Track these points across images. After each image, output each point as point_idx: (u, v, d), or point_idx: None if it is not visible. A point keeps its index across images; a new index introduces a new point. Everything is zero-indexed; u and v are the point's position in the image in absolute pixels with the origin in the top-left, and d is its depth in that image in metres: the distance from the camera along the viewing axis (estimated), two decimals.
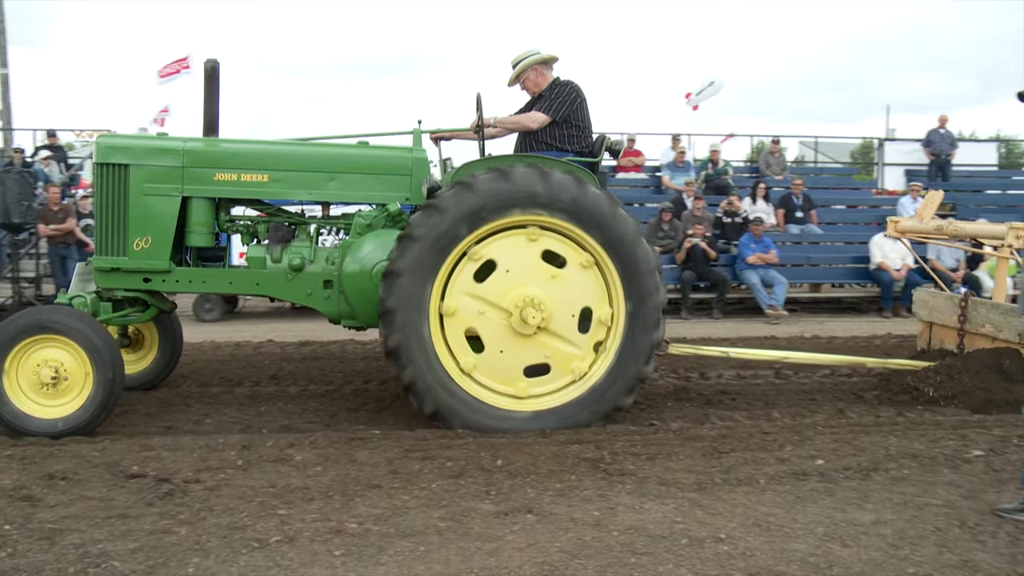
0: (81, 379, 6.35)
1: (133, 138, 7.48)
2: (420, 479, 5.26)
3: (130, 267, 6.93)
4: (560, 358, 6.53)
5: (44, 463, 5.51)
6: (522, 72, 7.22)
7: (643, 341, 6.55)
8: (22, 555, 4.18)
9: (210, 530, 4.47)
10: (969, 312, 8.09)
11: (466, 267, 6.45)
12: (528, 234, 6.49)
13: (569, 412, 6.50)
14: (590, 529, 4.54)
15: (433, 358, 6.37)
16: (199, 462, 5.55)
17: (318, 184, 7.07)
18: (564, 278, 6.53)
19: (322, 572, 4.01)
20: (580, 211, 6.42)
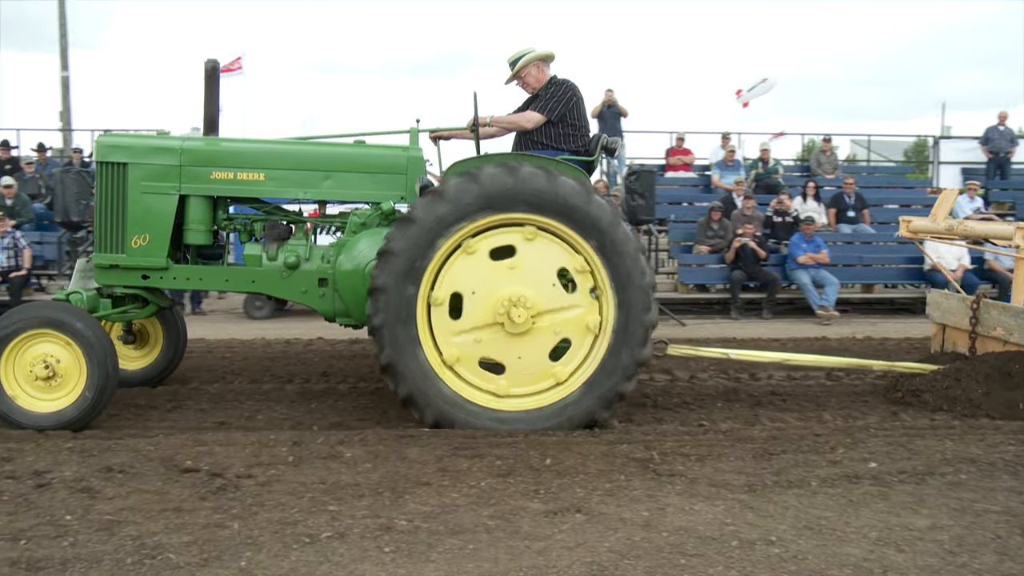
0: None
1: (132, 137, 7.59)
2: (469, 477, 5.26)
3: (128, 264, 7.05)
4: (571, 326, 6.47)
5: (102, 456, 5.60)
6: (523, 69, 7.19)
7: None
8: (82, 545, 4.25)
9: (262, 525, 4.51)
10: (981, 314, 7.87)
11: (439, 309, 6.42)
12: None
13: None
14: (639, 529, 4.50)
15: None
16: (251, 458, 5.59)
17: (313, 183, 7.13)
18: (522, 262, 6.44)
19: (372, 568, 4.02)
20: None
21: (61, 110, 26.49)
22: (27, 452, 5.69)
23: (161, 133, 7.46)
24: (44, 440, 6.01)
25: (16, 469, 5.35)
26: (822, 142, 19.62)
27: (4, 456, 5.58)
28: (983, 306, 7.86)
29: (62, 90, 26.58)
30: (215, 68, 7.21)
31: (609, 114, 18.80)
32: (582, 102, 7.18)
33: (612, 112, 18.80)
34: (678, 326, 12.80)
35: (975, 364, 7.54)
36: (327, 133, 7.78)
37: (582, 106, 7.18)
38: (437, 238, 6.27)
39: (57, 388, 6.52)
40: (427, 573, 3.98)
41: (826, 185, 17.53)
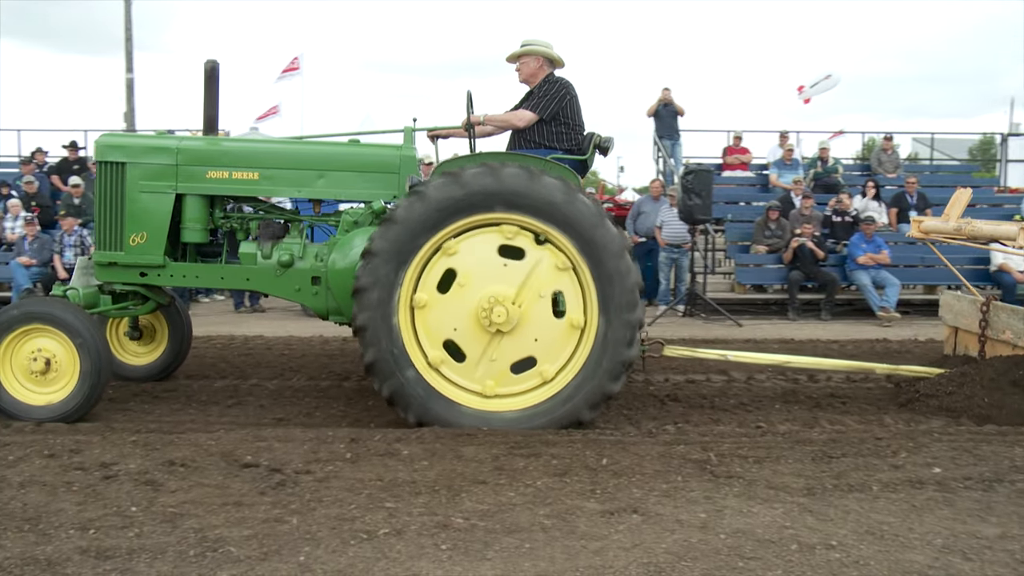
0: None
1: (130, 137, 7.76)
2: (525, 476, 5.26)
3: (127, 262, 7.19)
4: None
5: (165, 450, 5.70)
6: (524, 56, 7.17)
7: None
8: (147, 536, 4.33)
9: (320, 520, 4.55)
10: (991, 317, 7.66)
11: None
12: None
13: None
14: (696, 531, 4.47)
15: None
16: (309, 454, 5.65)
17: (307, 181, 7.19)
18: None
19: (429, 566, 4.04)
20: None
21: (126, 111, 27.04)
22: (94, 444, 5.81)
23: (161, 133, 7.63)
24: (110, 433, 6.15)
25: (84, 461, 5.47)
26: (883, 140, 19.31)
27: (72, 448, 5.71)
28: (992, 309, 7.67)
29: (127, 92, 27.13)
30: (214, 69, 7.32)
31: (665, 113, 18.70)
32: (576, 101, 7.14)
33: (668, 111, 18.69)
34: (734, 326, 12.69)
35: (981, 369, 7.37)
36: (326, 133, 7.84)
37: (576, 105, 7.14)
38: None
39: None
40: (484, 571, 3.99)
41: (887, 184, 17.25)
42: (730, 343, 10.86)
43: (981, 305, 7.73)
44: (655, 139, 19.04)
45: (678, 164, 18.22)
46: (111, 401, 7.56)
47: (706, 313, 13.69)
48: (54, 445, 5.78)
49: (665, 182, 16.79)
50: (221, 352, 10.05)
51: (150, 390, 7.96)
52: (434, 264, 6.40)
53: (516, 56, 7.21)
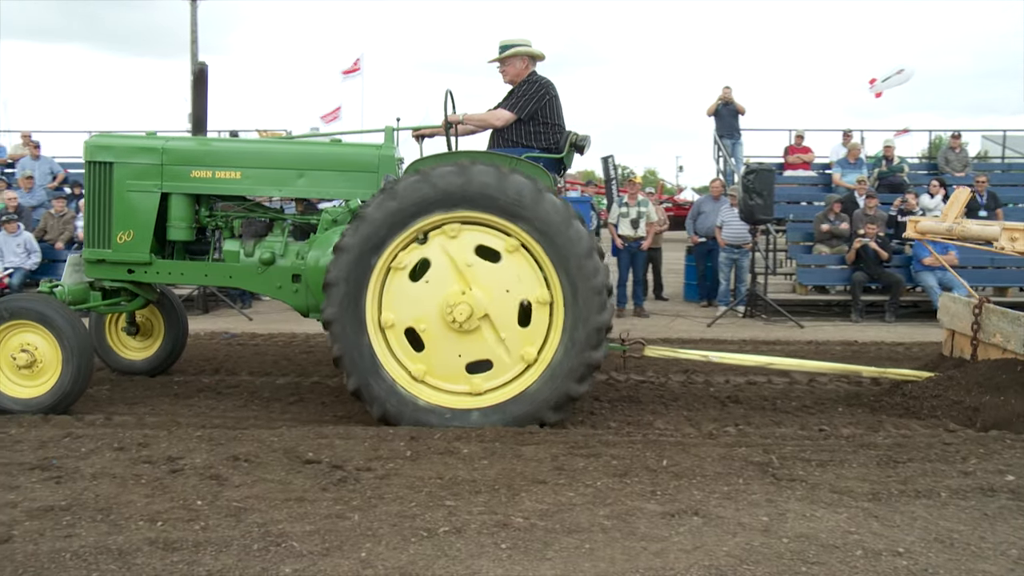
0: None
1: (118, 137, 7.83)
2: (585, 476, 5.25)
3: (114, 259, 7.40)
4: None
5: (229, 445, 5.79)
6: (508, 58, 7.16)
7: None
8: (212, 529, 4.41)
9: (381, 517, 4.58)
10: (983, 320, 7.46)
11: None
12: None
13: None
14: (759, 535, 4.42)
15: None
16: (370, 451, 5.70)
17: (288, 181, 7.32)
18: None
19: (489, 564, 4.05)
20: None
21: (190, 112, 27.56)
22: (161, 439, 5.93)
23: (149, 134, 7.78)
24: (176, 428, 6.27)
25: (152, 454, 5.59)
26: (951, 139, 18.92)
27: (141, 442, 5.84)
28: (985, 311, 7.47)
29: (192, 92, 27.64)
30: (203, 72, 7.63)
31: (726, 112, 18.54)
32: (556, 100, 7.15)
33: (729, 110, 18.53)
34: (795, 328, 12.54)
35: (968, 372, 7.23)
36: (312, 133, 7.97)
37: (555, 104, 7.14)
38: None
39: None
40: (543, 571, 3.98)
41: (954, 183, 16.87)
42: (791, 345, 10.74)
43: (974, 307, 7.57)
44: (715, 138, 18.89)
45: (739, 163, 18.04)
46: (176, 396, 7.73)
47: (767, 314, 13.55)
48: (123, 439, 5.92)
49: (726, 182, 16.64)
50: (283, 350, 10.19)
51: (214, 386, 8.11)
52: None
53: (499, 59, 7.22)
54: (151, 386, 8.16)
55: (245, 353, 9.86)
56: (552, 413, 6.39)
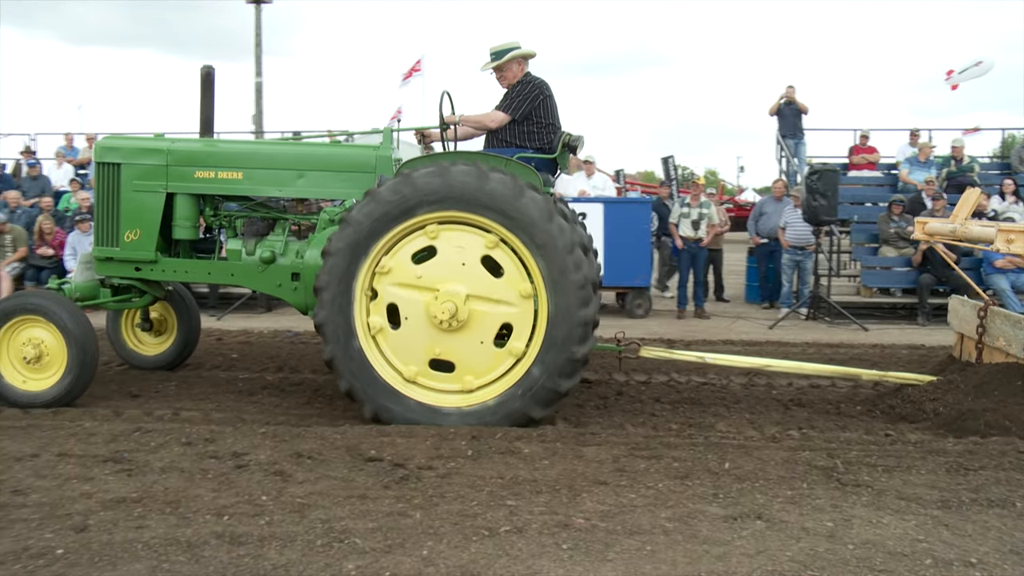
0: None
1: (125, 139, 8.00)
2: (646, 478, 5.23)
3: (122, 257, 7.60)
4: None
5: (293, 442, 5.87)
6: (504, 63, 7.19)
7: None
8: (277, 525, 4.47)
9: (442, 516, 4.61)
10: (988, 323, 7.25)
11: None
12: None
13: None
14: (823, 540, 4.36)
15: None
16: (431, 450, 5.73)
17: (288, 181, 7.42)
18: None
19: (550, 565, 4.04)
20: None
21: (254, 113, 28.03)
22: (227, 435, 6.03)
23: (157, 136, 7.97)
24: (241, 424, 6.38)
25: (218, 450, 5.69)
26: None
27: (207, 437, 5.94)
28: (990, 315, 7.26)
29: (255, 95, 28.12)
30: (210, 75, 7.75)
31: (789, 111, 18.29)
32: (549, 100, 7.19)
33: (792, 109, 18.28)
34: (859, 331, 12.34)
35: (968, 376, 7.06)
36: (314, 132, 8.07)
37: (549, 104, 7.18)
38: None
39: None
40: (605, 572, 3.98)
41: None
42: (855, 348, 10.58)
43: (979, 311, 7.39)
44: (778, 138, 18.65)
45: (802, 164, 17.79)
46: (241, 393, 7.85)
47: (830, 317, 13.36)
48: (191, 434, 6.03)
49: (788, 182, 16.44)
50: None
51: (277, 383, 8.22)
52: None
53: (494, 66, 7.26)
54: (217, 382, 8.30)
55: (308, 351, 9.96)
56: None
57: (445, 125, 7.20)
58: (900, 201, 14.60)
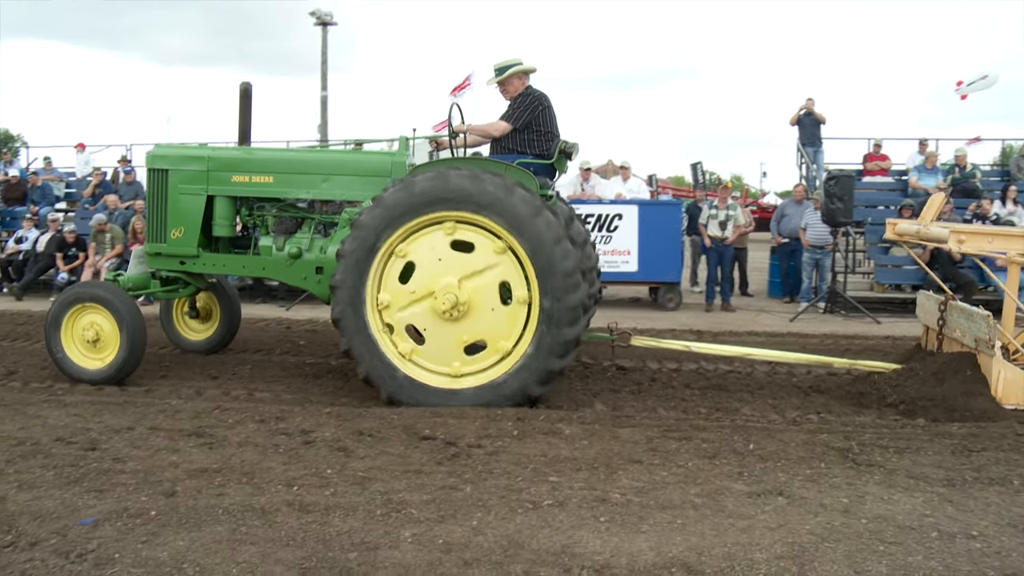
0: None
1: (172, 148, 8.26)
2: (677, 457, 5.21)
3: (168, 252, 7.82)
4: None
5: (354, 421, 5.93)
6: (507, 79, 7.26)
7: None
8: (340, 495, 4.52)
9: (490, 490, 4.62)
10: (947, 316, 7.20)
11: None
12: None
13: None
14: (839, 515, 4.33)
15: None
16: (480, 430, 5.75)
17: (313, 184, 7.56)
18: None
19: (588, 535, 4.05)
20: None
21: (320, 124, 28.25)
22: (296, 414, 6.10)
23: (201, 145, 8.17)
24: (309, 404, 6.46)
25: (287, 427, 5.76)
26: (1023, 147, 18.06)
27: (278, 416, 6.02)
28: (949, 308, 7.22)
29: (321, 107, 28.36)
30: (247, 91, 8.00)
31: (808, 121, 18.06)
32: (548, 111, 7.24)
33: (811, 120, 18.05)
34: (873, 324, 12.17)
35: (926, 364, 7.04)
36: (341, 139, 8.22)
37: (548, 115, 7.23)
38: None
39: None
40: (639, 543, 3.97)
41: None
42: (869, 339, 10.44)
43: (940, 304, 7.34)
44: (798, 146, 18.42)
45: (820, 170, 17.56)
46: (308, 376, 7.94)
47: (846, 311, 13.19)
48: (263, 412, 6.11)
49: (808, 187, 16.24)
50: None
51: (340, 368, 8.28)
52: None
53: (498, 80, 7.33)
54: (287, 367, 8.39)
55: None
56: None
57: (454, 134, 7.29)
58: (910, 205, 14.32)
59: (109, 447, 5.30)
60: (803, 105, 18.18)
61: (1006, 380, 6.37)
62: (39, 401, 6.52)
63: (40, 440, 5.41)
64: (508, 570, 3.67)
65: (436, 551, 3.84)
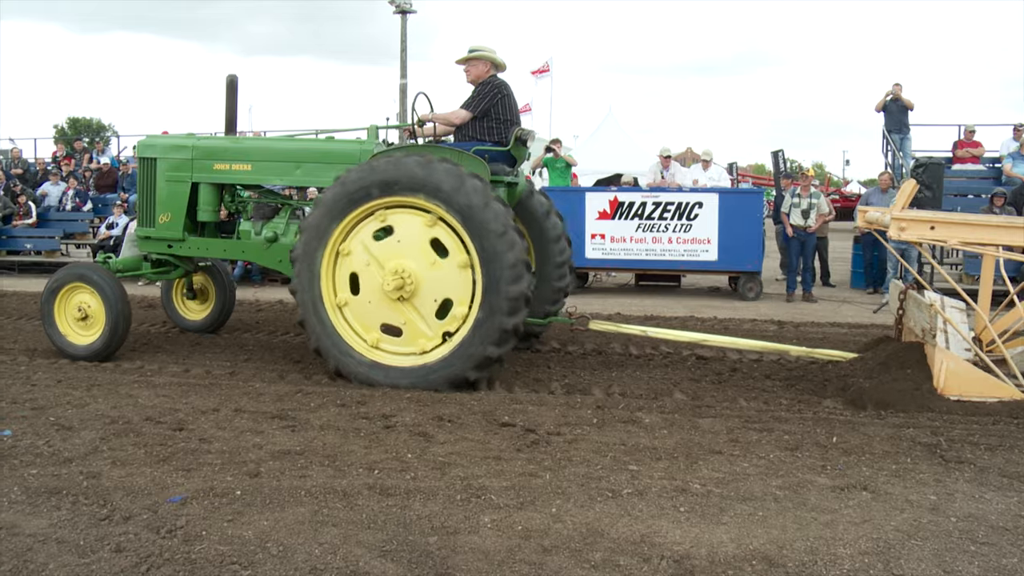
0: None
1: (160, 138, 8.69)
2: (758, 449, 5.13)
3: (157, 236, 8.23)
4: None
5: (435, 407, 5.98)
6: (471, 60, 7.44)
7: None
8: (421, 479, 4.57)
9: (569, 478, 4.61)
10: (906, 305, 7.19)
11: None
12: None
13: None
14: (927, 512, 4.20)
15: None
16: (560, 418, 5.75)
17: (287, 172, 7.86)
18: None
19: (668, 525, 4.01)
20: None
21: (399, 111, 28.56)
22: (376, 398, 6.19)
23: (189, 135, 8.48)
24: (389, 390, 6.50)
25: (369, 411, 5.84)
26: None
27: (359, 401, 6.11)
28: (907, 298, 7.05)
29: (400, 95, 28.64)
30: (233, 82, 8.27)
31: (895, 107, 17.52)
32: (507, 99, 7.37)
33: (898, 106, 17.50)
34: None
35: (876, 354, 6.91)
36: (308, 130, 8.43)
37: (507, 103, 7.37)
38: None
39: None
40: (719, 534, 3.92)
41: None
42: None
43: (900, 293, 7.20)
44: (884, 133, 17.90)
45: (907, 158, 17.05)
46: None
47: None
48: (345, 397, 6.21)
49: (894, 175, 15.78)
50: None
51: None
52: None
53: (465, 60, 7.50)
54: None
55: None
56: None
57: (421, 122, 7.50)
58: (1002, 193, 13.84)
59: (196, 427, 5.46)
60: (890, 91, 17.64)
61: (948, 371, 6.17)
62: (130, 382, 6.74)
63: (132, 419, 5.60)
64: (587, 558, 3.66)
65: (515, 537, 3.86)
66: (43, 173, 19.48)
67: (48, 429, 5.38)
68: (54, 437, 5.21)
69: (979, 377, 6.14)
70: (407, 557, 3.64)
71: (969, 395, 6.07)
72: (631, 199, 13.29)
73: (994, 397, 6.06)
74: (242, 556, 3.63)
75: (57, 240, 17.06)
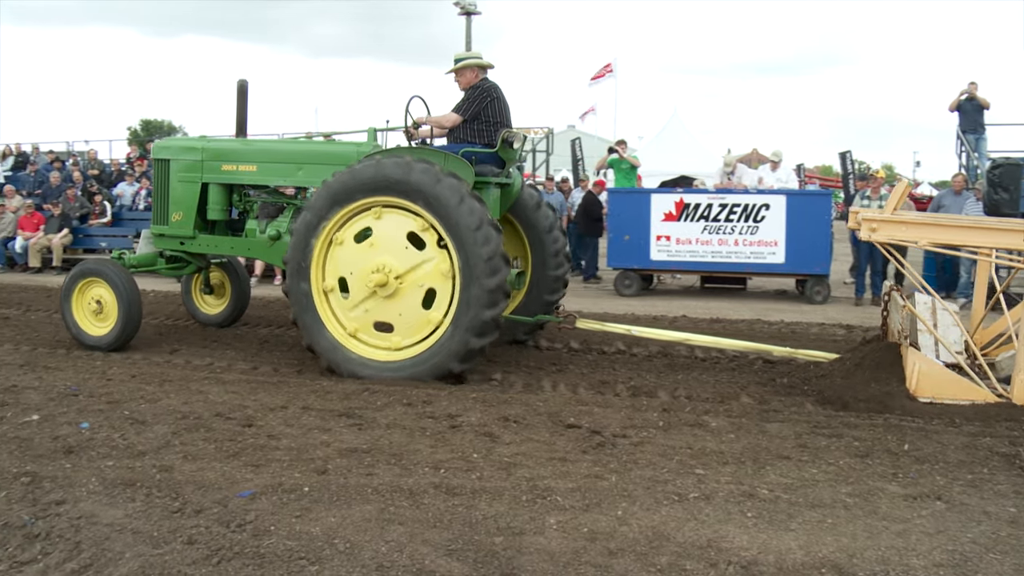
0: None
1: (173, 140, 9.08)
2: (828, 455, 5.04)
3: (170, 233, 8.60)
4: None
5: (500, 407, 6.00)
6: (461, 70, 7.67)
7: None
8: (487, 479, 4.59)
9: (635, 481, 4.59)
10: (890, 306, 7.27)
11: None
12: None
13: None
14: (1005, 525, 4.07)
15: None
16: (625, 420, 5.72)
17: (290, 173, 8.15)
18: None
19: (735, 531, 3.97)
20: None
21: None
22: (442, 398, 6.23)
23: (201, 137, 8.76)
24: (455, 389, 6.55)
25: (435, 411, 5.88)
26: None
27: (425, 400, 6.15)
28: (891, 298, 7.03)
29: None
30: (244, 87, 8.64)
31: (970, 107, 17.08)
32: (497, 103, 7.56)
33: (973, 105, 17.06)
34: None
35: (855, 355, 6.83)
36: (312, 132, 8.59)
37: (496, 106, 7.56)
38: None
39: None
40: (787, 541, 3.86)
41: None
42: None
43: (884, 294, 7.12)
44: (958, 133, 17.46)
45: (982, 158, 16.60)
46: None
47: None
48: (411, 396, 6.26)
49: (968, 176, 15.37)
50: None
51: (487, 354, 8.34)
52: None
53: (452, 71, 7.74)
54: None
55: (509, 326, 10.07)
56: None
57: (416, 125, 7.66)
58: None
59: (264, 424, 5.55)
60: (964, 89, 17.21)
61: (921, 372, 6.09)
62: (200, 378, 6.89)
63: (202, 415, 5.73)
64: (653, 561, 3.64)
65: (581, 539, 3.85)
66: (118, 174, 20.05)
67: (123, 423, 5.53)
68: (128, 431, 5.36)
69: (952, 379, 6.12)
70: (473, 557, 3.66)
71: (942, 397, 6.05)
72: (697, 200, 13.17)
73: (967, 400, 6.03)
74: (310, 552, 3.69)
75: (130, 239, 17.51)
